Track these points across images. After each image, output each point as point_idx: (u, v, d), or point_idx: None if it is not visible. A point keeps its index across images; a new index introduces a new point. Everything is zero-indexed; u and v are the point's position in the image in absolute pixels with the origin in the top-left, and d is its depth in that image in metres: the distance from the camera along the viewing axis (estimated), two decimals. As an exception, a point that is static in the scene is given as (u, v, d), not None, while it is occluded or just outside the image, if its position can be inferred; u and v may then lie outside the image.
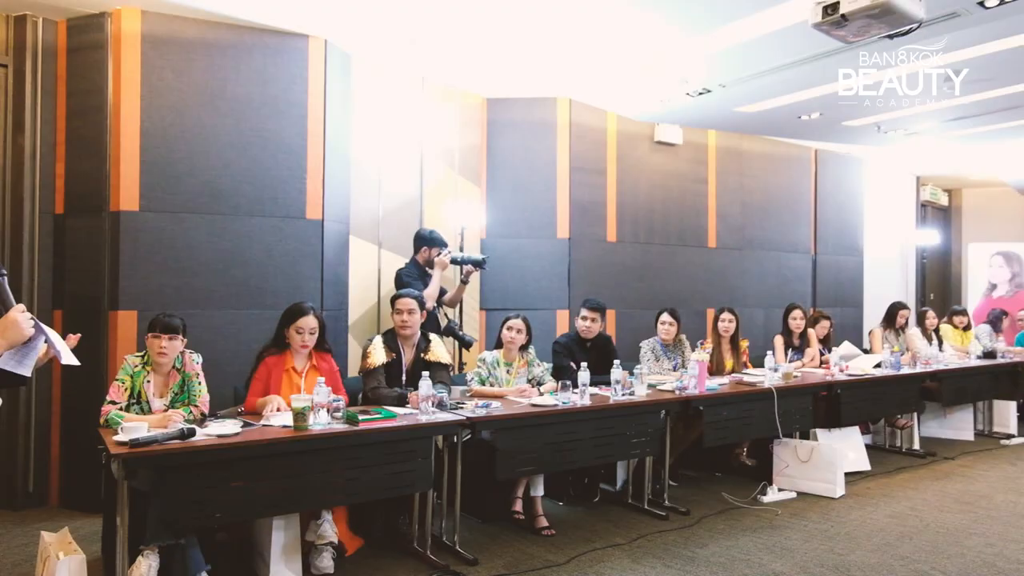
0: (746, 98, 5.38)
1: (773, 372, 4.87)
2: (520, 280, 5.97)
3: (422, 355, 3.90)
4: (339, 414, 3.08)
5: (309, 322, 3.46)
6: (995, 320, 7.72)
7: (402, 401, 3.57)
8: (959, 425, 6.66)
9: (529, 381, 4.31)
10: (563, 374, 4.41)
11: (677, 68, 4.71)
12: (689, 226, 6.89)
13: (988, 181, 9.58)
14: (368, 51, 5.01)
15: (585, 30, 4.39)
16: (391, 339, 3.89)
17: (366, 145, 5.24)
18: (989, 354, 7.01)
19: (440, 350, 3.96)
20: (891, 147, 7.37)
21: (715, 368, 5.23)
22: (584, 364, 3.97)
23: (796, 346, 5.88)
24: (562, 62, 5.04)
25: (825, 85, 4.97)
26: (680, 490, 4.73)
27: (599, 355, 4.58)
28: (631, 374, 4.22)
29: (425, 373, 3.41)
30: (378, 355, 3.78)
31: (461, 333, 4.89)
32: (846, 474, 4.90)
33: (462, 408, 3.58)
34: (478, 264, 4.92)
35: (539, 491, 4.00)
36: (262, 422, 3.11)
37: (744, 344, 5.58)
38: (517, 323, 4.28)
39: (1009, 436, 6.64)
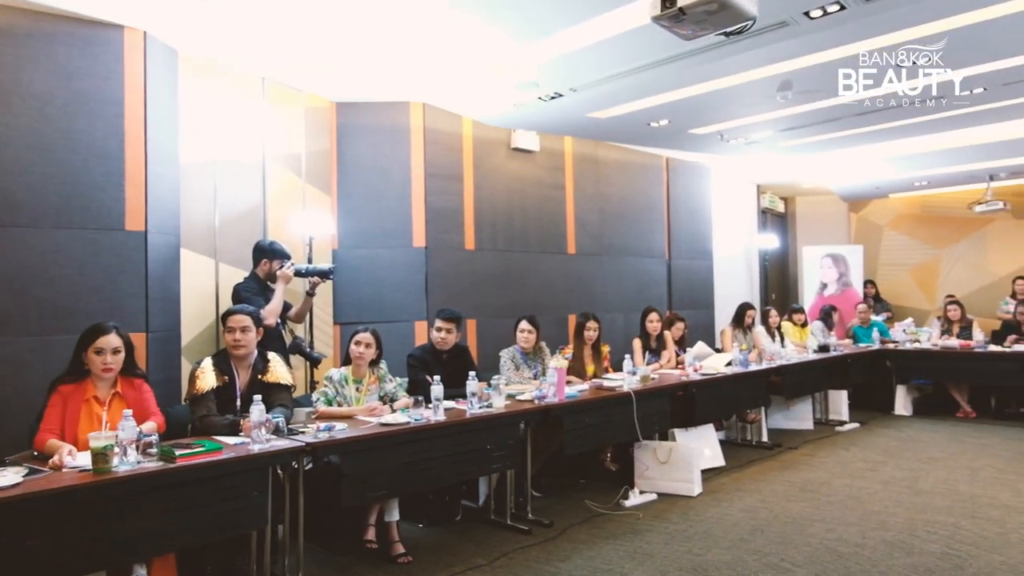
0: (597, 103, 5.43)
1: (632, 375, 4.91)
2: (375, 291, 5.70)
3: (259, 376, 3.54)
4: (153, 450, 2.69)
5: (111, 341, 3.00)
6: (826, 316, 8.35)
7: (235, 429, 3.21)
8: (800, 416, 7.09)
9: (381, 398, 4.06)
10: (419, 389, 4.18)
11: (528, 72, 4.66)
12: (548, 233, 6.89)
13: (818, 189, 10.39)
14: (198, 47, 4.58)
15: (432, 33, 4.24)
16: (223, 361, 3.51)
17: (198, 149, 4.80)
18: (823, 348, 7.53)
19: (280, 370, 3.62)
20: (733, 156, 7.77)
21: (578, 374, 5.22)
22: (438, 377, 3.78)
23: (653, 348, 6.00)
24: (414, 65, 4.86)
25: (672, 91, 5.11)
26: (544, 500, 4.64)
27: (456, 367, 4.40)
28: (489, 385, 4.09)
29: (257, 397, 3.08)
30: (207, 379, 3.39)
31: (309, 350, 4.56)
32: (703, 471, 5.02)
33: (303, 433, 3.27)
34: (324, 275, 4.61)
35: (394, 516, 3.75)
36: (56, 466, 2.64)
37: (606, 349, 5.61)
38: (365, 337, 4.02)
39: (843, 423, 7.15)
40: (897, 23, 3.96)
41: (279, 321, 4.43)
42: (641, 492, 4.70)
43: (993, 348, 7.45)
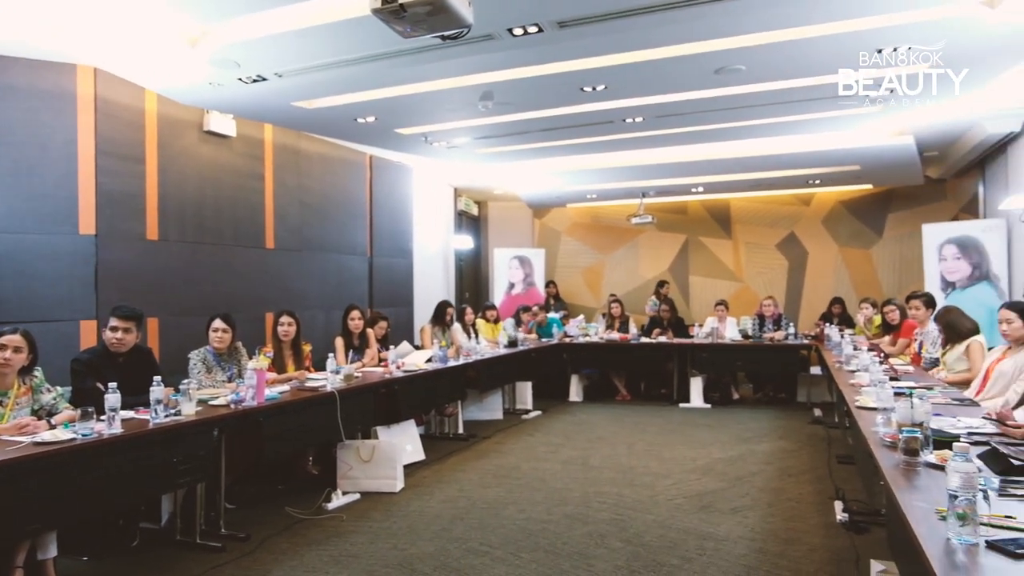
0: (304, 92, 5.20)
1: (335, 374, 4.80)
2: (27, 285, 4.76)
3: None
4: None
5: None
6: (516, 314, 9.12)
7: None
8: (492, 407, 7.63)
9: (36, 412, 3.39)
10: (87, 398, 3.56)
11: (229, 49, 4.26)
12: (245, 225, 6.42)
13: (508, 196, 11.27)
14: None
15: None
16: None
17: None
18: (513, 343, 8.20)
19: None
20: (434, 159, 8.04)
21: (277, 375, 4.94)
22: (113, 384, 3.26)
23: (356, 346, 5.94)
24: (84, 20, 4.12)
25: (382, 88, 5.10)
26: (239, 513, 4.31)
27: (136, 371, 3.85)
28: (177, 391, 3.67)
29: None
30: None
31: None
32: (405, 466, 5.11)
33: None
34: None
35: (50, 552, 3.15)
36: None
37: (307, 348, 5.41)
38: (13, 340, 3.32)
39: (528, 411, 7.86)
40: (586, 51, 4.45)
41: None
42: (344, 493, 4.63)
43: (644, 340, 8.82)
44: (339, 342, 5.85)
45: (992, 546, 1.61)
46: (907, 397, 2.70)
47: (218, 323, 4.68)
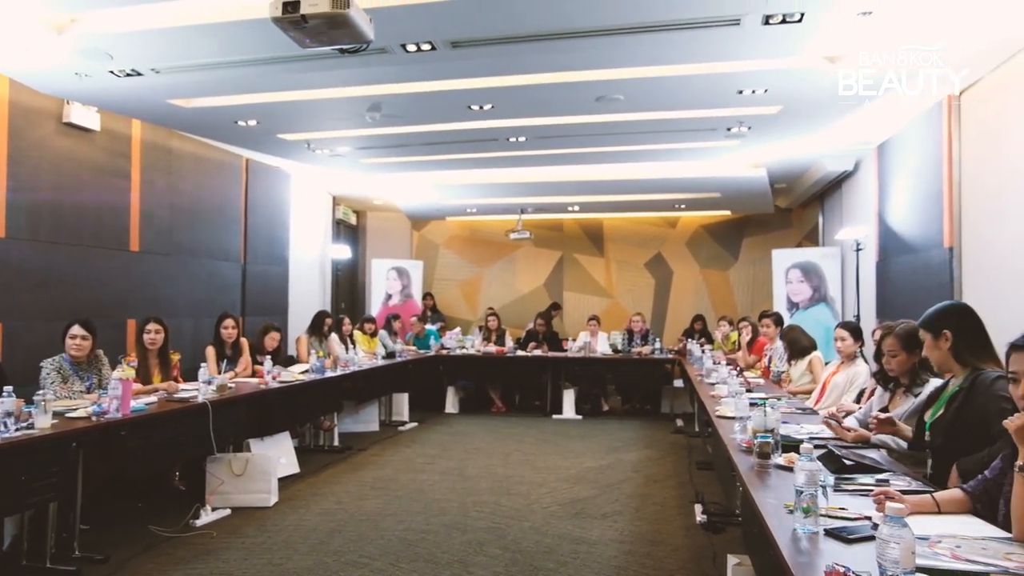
0: (183, 91, 4.98)
1: (207, 385, 4.61)
2: None
3: None
4: None
5: None
6: (387, 323, 9.07)
7: None
8: (368, 418, 7.56)
9: None
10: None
11: (101, 39, 4.02)
12: (107, 226, 6.01)
13: (387, 206, 11.21)
14: None
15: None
16: None
17: None
18: (390, 355, 8.17)
19: None
20: (314, 166, 7.89)
21: (142, 385, 4.67)
22: (-40, 396, 3.00)
23: (229, 356, 5.71)
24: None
25: (266, 93, 4.98)
26: (95, 534, 4.01)
27: (-19, 382, 3.54)
28: (29, 403, 3.40)
29: None
30: None
31: None
32: (279, 480, 4.97)
33: None
34: None
35: None
36: None
37: (175, 357, 5.14)
38: None
39: (404, 423, 7.84)
40: (476, 71, 4.59)
41: None
42: (214, 509, 4.45)
43: (520, 353, 9.04)
44: (210, 351, 5.61)
45: (830, 533, 1.86)
46: (760, 407, 3.00)
47: (77, 329, 4.37)
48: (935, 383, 2.96)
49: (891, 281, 6.57)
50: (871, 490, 2.14)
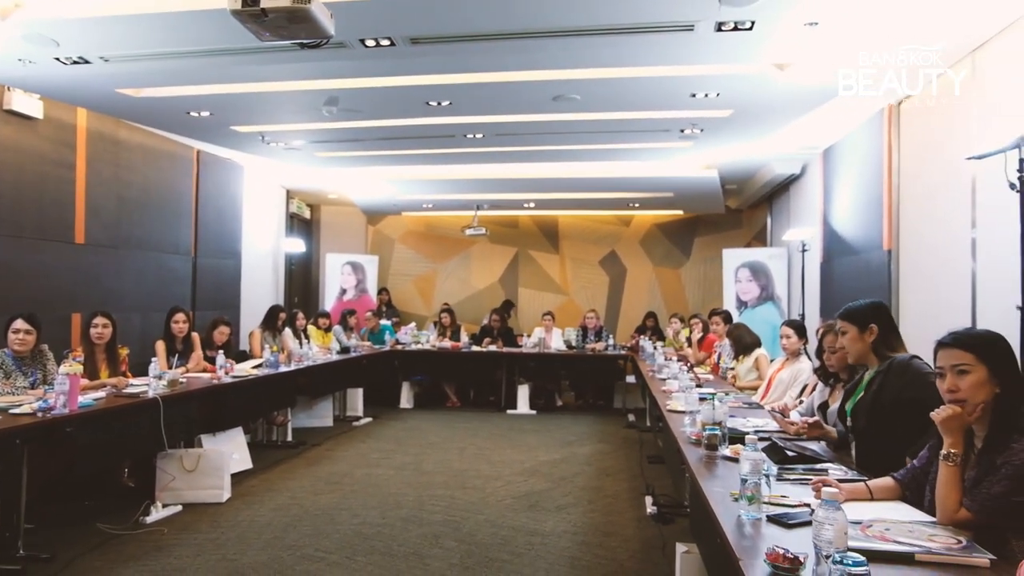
0: (133, 80, 4.86)
1: (158, 380, 4.53)
2: None
3: None
4: None
5: None
6: (343, 318, 9.02)
7: None
8: (322, 414, 7.51)
9: None
10: None
11: (48, 26, 3.91)
12: (50, 217, 5.83)
13: (342, 200, 11.10)
14: None
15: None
16: None
17: None
18: (345, 350, 8.13)
19: None
20: (267, 159, 7.78)
21: (89, 381, 4.57)
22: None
23: (180, 351, 5.62)
24: None
25: (220, 84, 4.91)
26: (40, 532, 3.92)
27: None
28: (-27, 398, 3.32)
29: None
30: None
31: None
32: (232, 475, 4.92)
33: None
34: None
35: None
36: None
37: (124, 352, 5.04)
38: None
39: (358, 418, 7.82)
40: (434, 68, 4.60)
41: None
42: (165, 505, 4.38)
43: (475, 348, 9.08)
44: (160, 346, 5.51)
45: (772, 520, 1.96)
46: (709, 401, 3.12)
47: (20, 323, 4.26)
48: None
49: (834, 281, 6.83)
50: (811, 479, 2.26)
